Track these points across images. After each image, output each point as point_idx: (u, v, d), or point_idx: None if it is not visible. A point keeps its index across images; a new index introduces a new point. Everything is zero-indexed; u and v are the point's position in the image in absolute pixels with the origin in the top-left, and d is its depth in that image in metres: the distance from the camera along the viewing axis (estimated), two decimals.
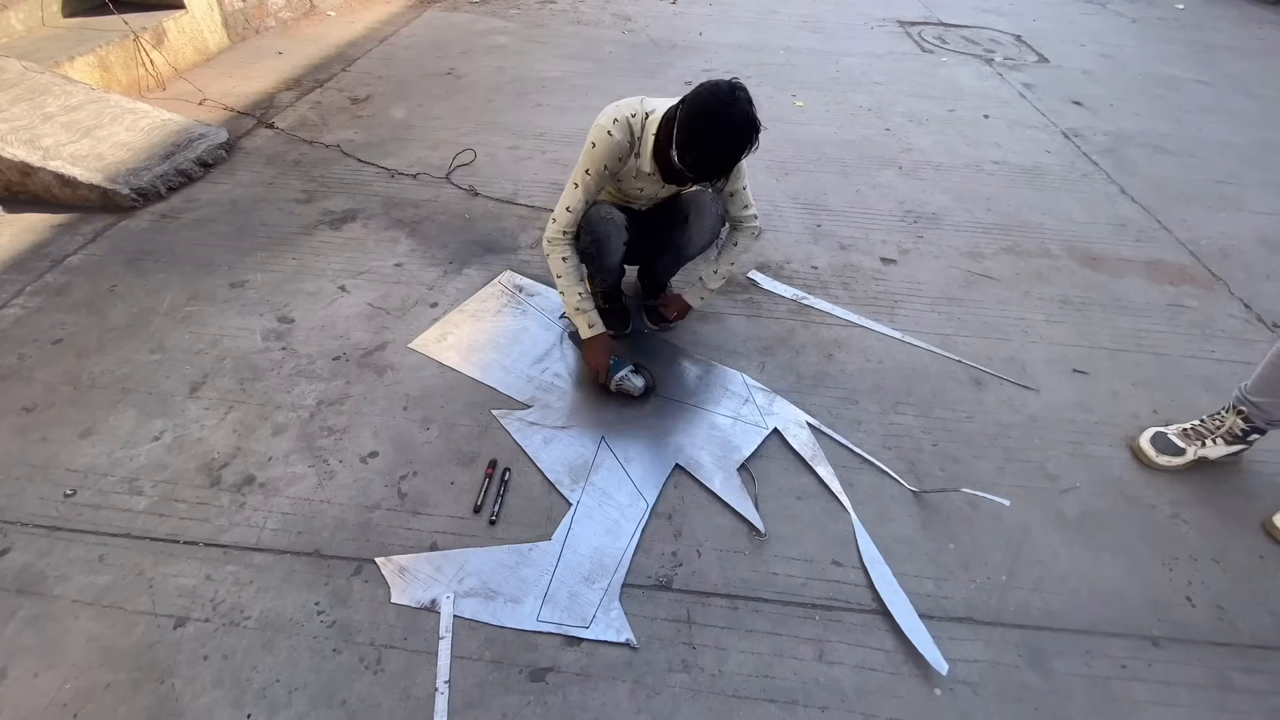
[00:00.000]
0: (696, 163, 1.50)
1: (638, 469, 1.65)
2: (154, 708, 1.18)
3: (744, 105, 1.43)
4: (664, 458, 1.69)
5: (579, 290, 1.76)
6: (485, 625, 1.32)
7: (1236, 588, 1.49)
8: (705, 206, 1.80)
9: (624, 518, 1.54)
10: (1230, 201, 3.04)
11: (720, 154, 1.48)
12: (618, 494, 1.59)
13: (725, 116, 1.43)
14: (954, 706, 1.26)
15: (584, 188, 1.68)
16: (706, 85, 1.47)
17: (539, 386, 1.86)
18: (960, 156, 3.29)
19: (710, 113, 1.45)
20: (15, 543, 1.41)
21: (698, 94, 1.47)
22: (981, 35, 5.09)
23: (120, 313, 2.01)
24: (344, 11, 4.73)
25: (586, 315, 1.78)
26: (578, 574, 1.42)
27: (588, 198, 1.70)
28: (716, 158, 1.49)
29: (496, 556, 1.44)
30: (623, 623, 1.35)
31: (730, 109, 1.43)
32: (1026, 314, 2.26)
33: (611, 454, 1.68)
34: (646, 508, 1.56)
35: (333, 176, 2.77)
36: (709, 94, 1.45)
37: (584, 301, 1.77)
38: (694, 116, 1.47)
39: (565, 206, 1.71)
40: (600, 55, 4.22)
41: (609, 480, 1.62)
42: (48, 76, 2.75)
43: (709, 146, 1.47)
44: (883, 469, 1.68)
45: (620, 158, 1.65)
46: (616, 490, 1.60)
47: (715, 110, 1.44)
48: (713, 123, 1.45)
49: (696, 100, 1.47)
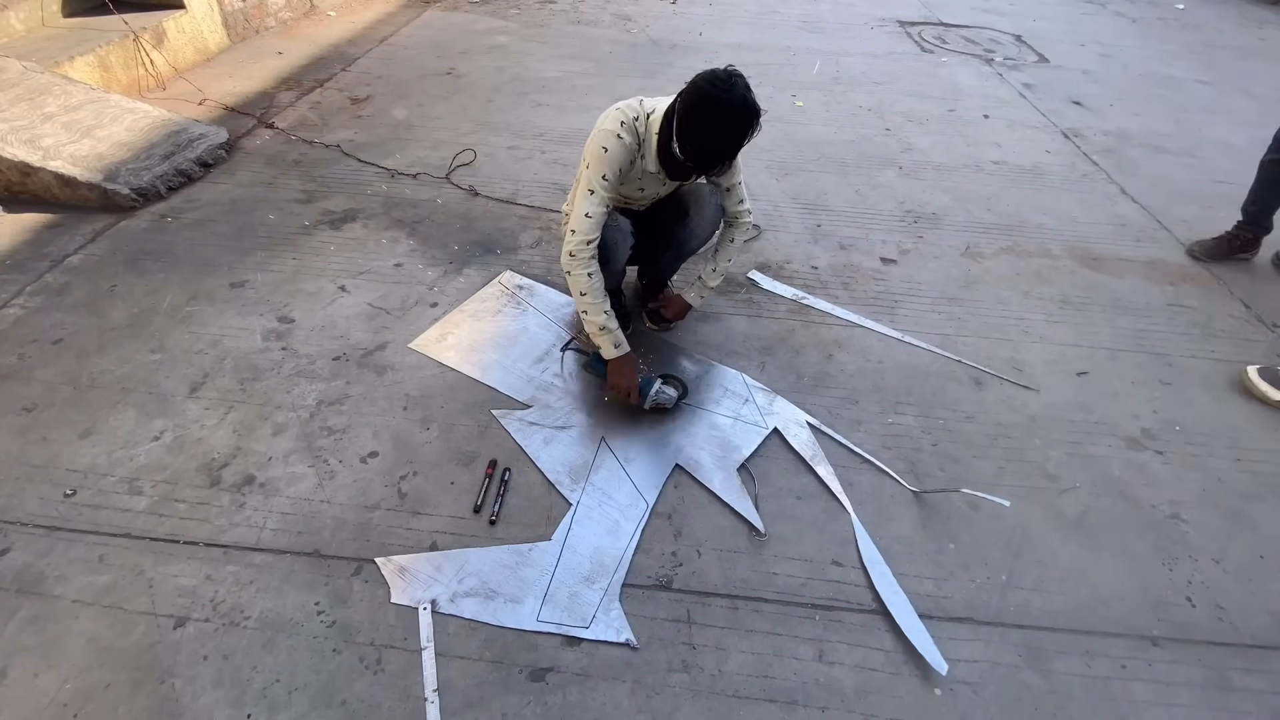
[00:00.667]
0: (697, 151, 1.49)
1: (638, 469, 1.65)
2: (154, 708, 1.18)
3: (741, 91, 1.43)
4: (664, 458, 1.69)
5: (605, 309, 1.67)
6: (485, 625, 1.32)
7: (1236, 588, 1.49)
8: (705, 199, 1.80)
9: (624, 518, 1.54)
10: (1230, 201, 3.03)
11: (720, 141, 1.47)
12: (618, 494, 1.59)
13: (723, 102, 1.42)
14: (954, 706, 1.26)
15: (600, 194, 1.62)
16: (703, 75, 1.46)
17: (539, 386, 1.86)
18: (960, 156, 3.29)
19: (708, 100, 1.44)
20: (15, 543, 1.41)
21: (695, 84, 1.47)
22: (981, 35, 5.09)
23: (120, 313, 2.01)
24: (344, 11, 4.73)
25: (612, 335, 1.69)
26: (578, 574, 1.42)
27: (605, 205, 1.64)
28: (717, 145, 1.48)
29: (496, 556, 1.44)
30: (623, 623, 1.35)
31: (727, 95, 1.42)
32: (1026, 314, 2.26)
33: (611, 454, 1.68)
34: (646, 508, 1.56)
35: (333, 176, 2.77)
36: (706, 83, 1.45)
37: (610, 321, 1.68)
38: (692, 106, 1.46)
39: (584, 214, 1.63)
40: (600, 55, 4.22)
41: (609, 480, 1.62)
42: (48, 76, 2.75)
43: (708, 133, 1.46)
44: (883, 469, 1.68)
45: (631, 160, 1.64)
46: (616, 490, 1.60)
47: (712, 97, 1.43)
48: (711, 110, 1.44)
49: (694, 90, 1.46)
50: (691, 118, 1.46)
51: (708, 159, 1.51)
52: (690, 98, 1.46)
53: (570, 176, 2.84)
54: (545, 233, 2.51)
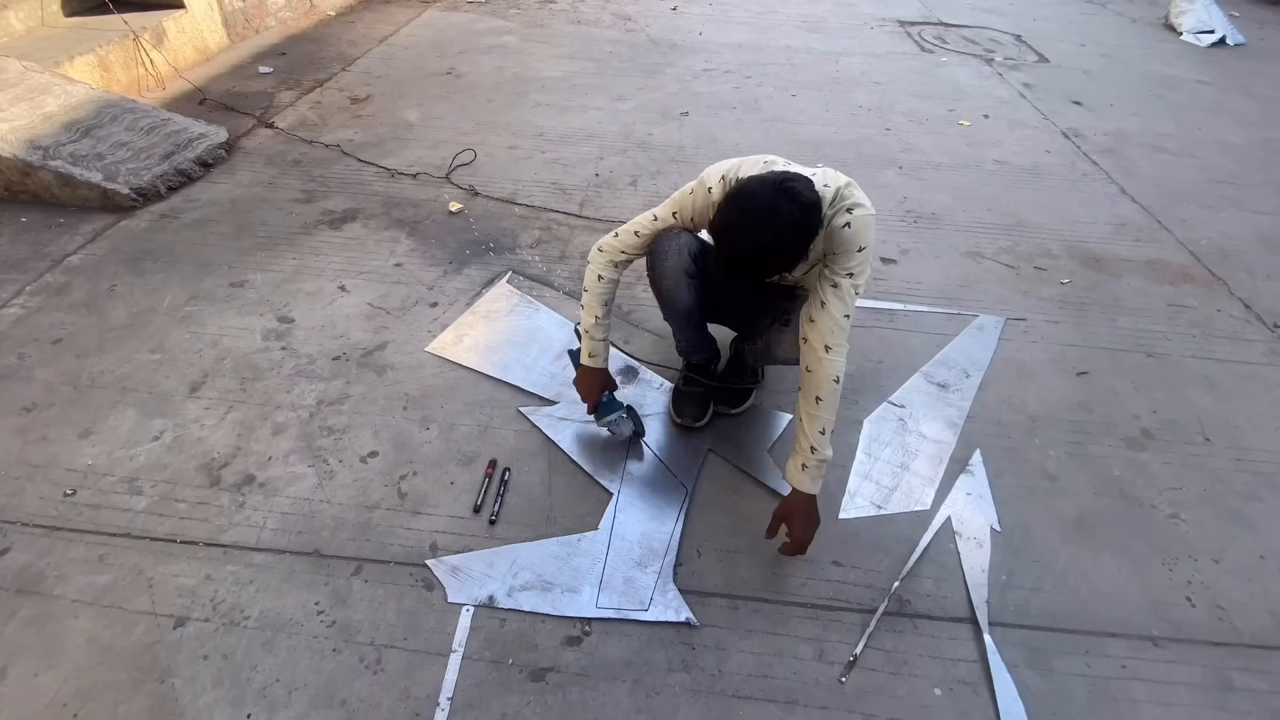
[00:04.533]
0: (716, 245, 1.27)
1: (672, 456, 1.69)
2: (154, 708, 1.18)
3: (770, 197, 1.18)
4: (695, 445, 1.73)
5: (597, 313, 1.57)
6: (485, 625, 1.32)
7: (1236, 588, 1.49)
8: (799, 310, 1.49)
9: (665, 503, 1.58)
10: (1230, 201, 3.04)
11: (728, 246, 1.23)
12: (656, 481, 1.63)
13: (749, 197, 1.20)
14: (954, 706, 1.26)
15: (659, 225, 1.49)
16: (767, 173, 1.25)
17: (563, 383, 1.86)
18: (960, 156, 3.29)
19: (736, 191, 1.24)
20: (15, 543, 1.41)
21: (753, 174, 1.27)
22: (981, 35, 5.09)
23: (120, 313, 2.01)
24: (344, 11, 4.73)
25: (591, 342, 1.60)
26: (629, 560, 1.46)
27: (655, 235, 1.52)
28: (727, 250, 1.24)
29: (547, 549, 1.47)
30: (680, 603, 1.38)
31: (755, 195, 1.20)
32: (1026, 314, 2.26)
33: (644, 443, 1.71)
34: (686, 493, 1.60)
35: (333, 176, 2.77)
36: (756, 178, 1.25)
37: (596, 329, 1.58)
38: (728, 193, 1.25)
39: (634, 230, 1.51)
40: (600, 55, 4.22)
41: (645, 468, 1.66)
42: (48, 76, 2.75)
43: (720, 228, 1.23)
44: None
45: (692, 218, 1.46)
46: (654, 477, 1.64)
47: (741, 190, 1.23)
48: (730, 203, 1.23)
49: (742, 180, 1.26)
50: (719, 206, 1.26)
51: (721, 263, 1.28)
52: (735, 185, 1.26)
53: (570, 176, 2.84)
54: (545, 232, 2.51)
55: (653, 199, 2.69)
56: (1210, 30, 5.17)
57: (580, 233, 2.52)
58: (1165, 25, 5.50)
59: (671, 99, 3.65)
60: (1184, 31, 5.27)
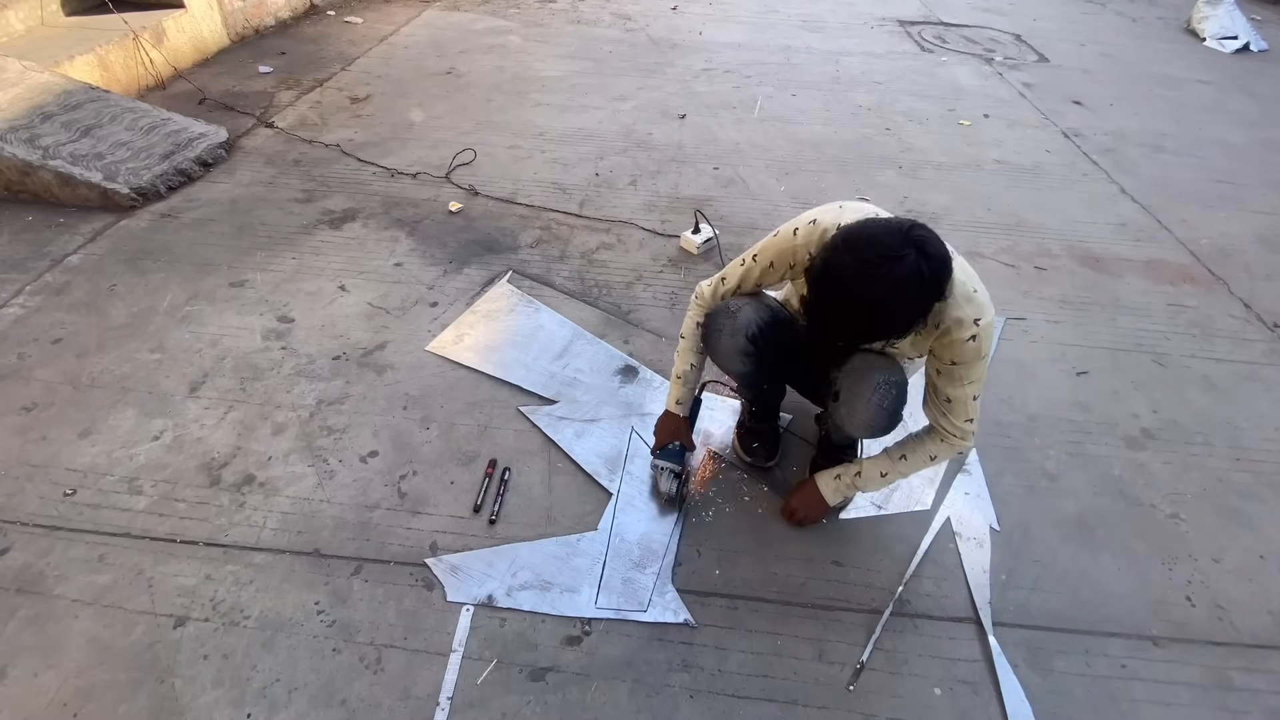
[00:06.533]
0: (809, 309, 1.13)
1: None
2: (154, 708, 1.18)
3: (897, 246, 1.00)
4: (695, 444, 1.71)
5: (691, 361, 1.50)
6: (485, 625, 1.32)
7: (1236, 587, 1.49)
8: (869, 387, 1.31)
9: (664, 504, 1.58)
10: (1230, 201, 3.04)
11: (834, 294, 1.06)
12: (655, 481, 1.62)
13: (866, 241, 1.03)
14: (954, 706, 1.26)
15: (743, 272, 1.37)
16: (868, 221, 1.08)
17: (563, 382, 1.87)
18: (960, 156, 3.29)
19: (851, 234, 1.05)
20: (15, 542, 1.41)
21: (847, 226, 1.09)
22: (981, 35, 5.09)
23: (120, 312, 2.01)
24: (344, 11, 4.72)
25: (680, 389, 1.53)
26: (628, 560, 1.46)
27: (741, 284, 1.39)
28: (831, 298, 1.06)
29: (546, 549, 1.47)
30: (679, 604, 1.37)
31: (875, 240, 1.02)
32: (1026, 314, 2.26)
33: (643, 443, 1.71)
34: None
35: (333, 176, 2.77)
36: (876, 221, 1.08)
37: (690, 374, 1.51)
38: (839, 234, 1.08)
39: (722, 277, 1.42)
40: (600, 54, 4.22)
41: (645, 468, 1.65)
42: (48, 75, 2.75)
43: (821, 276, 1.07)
44: None
45: (791, 265, 1.30)
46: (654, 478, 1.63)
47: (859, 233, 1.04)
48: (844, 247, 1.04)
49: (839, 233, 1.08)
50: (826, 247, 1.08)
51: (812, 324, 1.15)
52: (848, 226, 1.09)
53: (570, 175, 2.84)
54: (545, 232, 2.51)
55: (653, 198, 2.69)
56: (1234, 36, 5.09)
57: (580, 232, 2.51)
58: (1186, 30, 5.41)
59: (671, 98, 3.65)
60: (1207, 37, 5.18)
